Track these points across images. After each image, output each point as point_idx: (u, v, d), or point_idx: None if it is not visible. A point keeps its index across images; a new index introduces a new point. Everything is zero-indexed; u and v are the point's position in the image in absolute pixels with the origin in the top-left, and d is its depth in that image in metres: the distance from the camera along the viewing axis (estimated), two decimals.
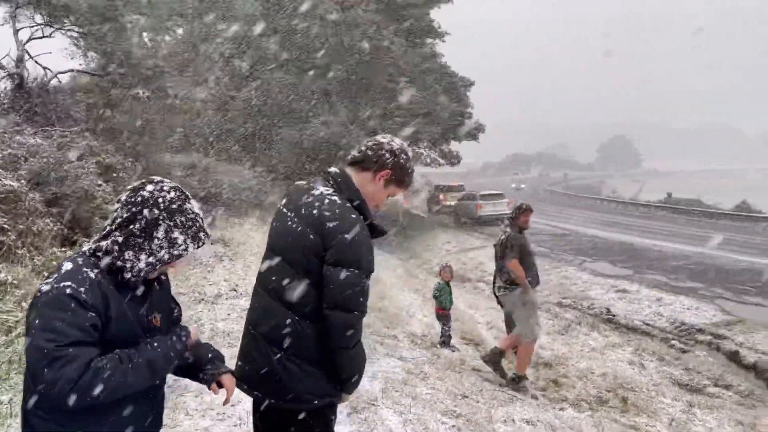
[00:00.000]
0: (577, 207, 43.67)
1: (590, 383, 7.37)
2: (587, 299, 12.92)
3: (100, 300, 1.72)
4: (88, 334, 1.67)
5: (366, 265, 2.17)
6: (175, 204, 1.83)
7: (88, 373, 1.63)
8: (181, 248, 1.82)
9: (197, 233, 1.86)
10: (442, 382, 5.76)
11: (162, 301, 1.98)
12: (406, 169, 2.37)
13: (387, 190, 2.38)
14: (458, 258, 19.53)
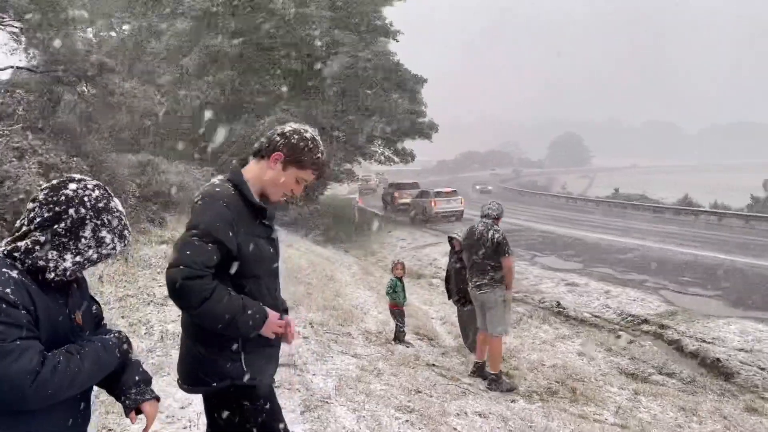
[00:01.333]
0: (527, 203, 44.52)
1: (541, 375, 7.54)
2: (538, 293, 13.20)
3: (28, 299, 1.67)
4: (28, 330, 1.63)
5: (203, 226, 2.20)
6: (101, 203, 1.81)
7: (46, 365, 1.60)
8: (110, 247, 1.81)
9: (122, 231, 1.85)
10: (396, 378, 5.80)
11: (81, 299, 1.94)
12: (299, 149, 2.36)
13: (287, 173, 2.37)
14: (413, 255, 19.67)
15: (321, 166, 2.42)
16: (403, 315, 8.15)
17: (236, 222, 2.24)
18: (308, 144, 2.37)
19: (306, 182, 2.43)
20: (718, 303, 11.50)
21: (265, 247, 2.36)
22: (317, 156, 2.39)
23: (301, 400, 4.59)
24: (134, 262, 9.00)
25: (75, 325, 1.85)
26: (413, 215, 30.83)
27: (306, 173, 2.40)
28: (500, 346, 6.64)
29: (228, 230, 2.21)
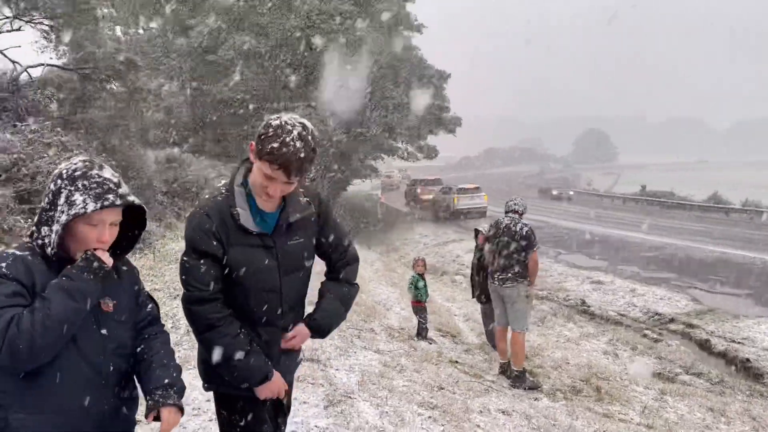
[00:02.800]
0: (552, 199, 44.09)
1: (565, 373, 7.47)
2: (563, 291, 13.09)
3: (24, 273, 1.70)
4: (10, 299, 1.65)
5: (187, 243, 2.14)
6: (79, 171, 1.78)
7: (12, 323, 1.61)
8: (78, 207, 1.73)
9: (103, 194, 1.76)
10: (418, 374, 5.80)
11: (119, 290, 1.93)
12: (260, 138, 2.06)
13: (257, 168, 2.10)
14: (435, 251, 19.64)
15: (277, 158, 2.01)
16: (425, 311, 8.15)
17: (219, 230, 2.10)
18: (267, 131, 2.05)
19: (272, 179, 2.07)
20: (748, 302, 11.29)
21: (258, 257, 2.16)
22: (272, 145, 2.01)
23: (324, 395, 4.62)
24: (161, 256, 9.15)
25: (100, 311, 1.85)
26: (436, 211, 30.76)
27: (265, 166, 2.05)
28: (523, 341, 6.59)
29: (210, 239, 2.09)
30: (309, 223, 2.32)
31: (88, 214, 1.74)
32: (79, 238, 1.79)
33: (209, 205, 2.16)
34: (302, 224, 2.27)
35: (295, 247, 2.26)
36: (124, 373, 1.94)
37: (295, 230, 2.25)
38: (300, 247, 2.28)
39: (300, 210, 2.24)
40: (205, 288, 2.09)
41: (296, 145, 2.03)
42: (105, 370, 1.84)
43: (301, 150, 2.04)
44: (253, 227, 2.16)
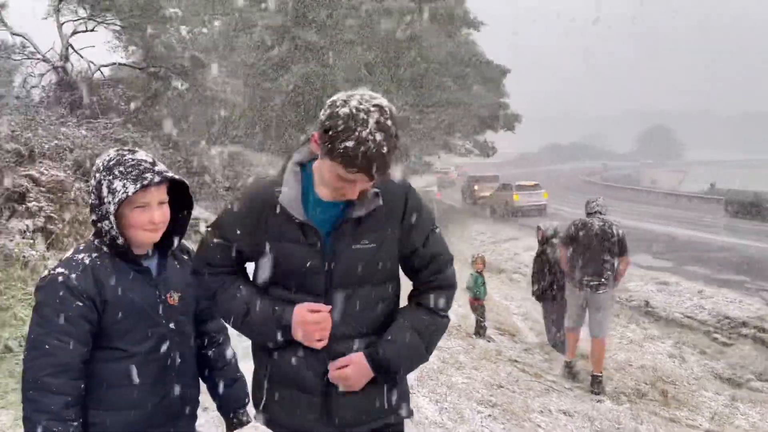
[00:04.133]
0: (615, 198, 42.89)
1: (629, 375, 7.27)
2: (625, 291, 12.70)
3: (93, 285, 1.74)
4: (72, 324, 1.70)
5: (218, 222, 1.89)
6: (114, 160, 1.80)
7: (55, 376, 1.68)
8: (120, 192, 1.74)
9: (140, 174, 1.76)
10: (477, 372, 5.76)
11: (182, 281, 1.94)
12: (327, 131, 1.59)
13: (325, 164, 1.65)
14: (493, 249, 19.41)
15: (355, 160, 1.56)
16: (483, 309, 8.08)
17: (252, 217, 1.75)
18: (336, 125, 1.57)
19: (349, 182, 1.64)
20: None
21: (296, 254, 1.72)
22: (346, 145, 1.56)
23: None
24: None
25: (168, 305, 1.88)
26: (494, 208, 30.41)
27: (338, 168, 1.61)
28: (605, 346, 6.47)
29: (236, 228, 1.79)
30: (387, 223, 1.77)
31: (131, 197, 1.75)
32: (132, 223, 1.79)
33: (250, 187, 1.91)
34: (376, 225, 1.75)
35: (360, 253, 1.74)
36: (189, 365, 1.97)
37: (364, 231, 1.74)
38: (368, 254, 1.75)
39: (366, 204, 1.72)
40: (205, 268, 1.86)
41: (376, 138, 1.56)
42: (173, 364, 1.88)
43: (383, 144, 1.57)
44: (297, 212, 1.71)
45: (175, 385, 1.89)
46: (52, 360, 1.68)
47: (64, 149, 8.46)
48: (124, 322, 1.78)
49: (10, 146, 7.10)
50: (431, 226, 1.87)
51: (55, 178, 7.19)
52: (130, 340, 1.80)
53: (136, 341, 1.80)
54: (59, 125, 9.48)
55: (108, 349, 1.78)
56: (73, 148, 8.60)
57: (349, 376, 1.75)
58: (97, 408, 1.77)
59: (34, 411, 1.67)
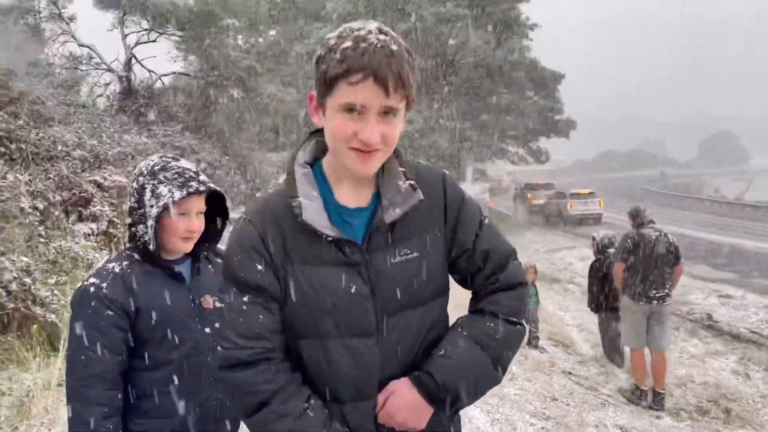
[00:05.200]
0: (674, 207, 41.47)
1: (690, 392, 6.98)
2: (686, 304, 12.24)
3: (123, 293, 1.74)
4: (105, 334, 1.71)
5: (225, 268, 1.38)
6: (159, 165, 1.81)
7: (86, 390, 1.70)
8: (166, 197, 1.75)
9: (186, 182, 1.78)
10: (530, 384, 5.65)
11: (216, 283, 1.87)
12: (325, 55, 1.25)
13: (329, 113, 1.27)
14: (546, 258, 19.06)
15: (357, 59, 1.19)
16: (536, 320, 7.93)
17: (270, 243, 1.33)
18: (328, 43, 1.26)
19: (363, 109, 1.23)
20: None
21: (334, 280, 1.33)
22: (344, 46, 1.22)
23: None
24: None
25: (202, 309, 1.86)
26: (547, 217, 29.87)
27: (343, 91, 1.22)
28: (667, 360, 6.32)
29: (254, 262, 1.32)
30: (428, 222, 1.41)
31: (176, 203, 1.76)
32: (169, 229, 1.79)
33: (256, 206, 1.38)
34: (415, 227, 1.38)
35: (403, 266, 1.37)
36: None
37: (402, 238, 1.37)
38: (413, 266, 1.38)
39: (400, 201, 1.35)
40: (248, 343, 1.31)
41: (379, 37, 1.22)
42: (212, 370, 1.83)
43: (391, 42, 1.23)
44: (327, 228, 1.32)
45: (213, 392, 1.87)
46: (87, 371, 1.69)
47: (126, 155, 8.78)
48: (157, 328, 1.77)
49: (77, 153, 7.41)
50: (480, 217, 1.49)
51: (118, 183, 7.47)
52: (165, 346, 1.78)
53: (170, 347, 1.79)
54: (122, 132, 9.86)
55: (143, 357, 1.78)
56: (135, 155, 8.91)
57: (395, 410, 1.36)
58: (137, 416, 1.78)
59: (75, 423, 1.69)
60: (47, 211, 6.06)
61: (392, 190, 1.36)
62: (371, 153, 1.26)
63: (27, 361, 4.15)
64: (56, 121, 8.48)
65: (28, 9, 14.93)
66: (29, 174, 6.33)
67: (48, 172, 6.71)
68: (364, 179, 1.37)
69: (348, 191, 1.37)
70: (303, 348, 1.36)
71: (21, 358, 4.21)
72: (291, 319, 1.35)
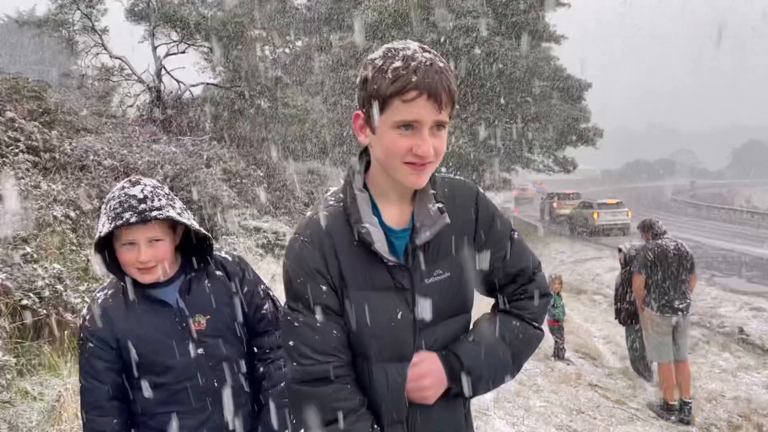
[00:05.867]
0: (704, 218, 40.70)
1: (720, 406, 6.83)
2: (717, 317, 11.99)
3: (104, 325, 1.78)
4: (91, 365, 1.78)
5: (288, 291, 1.41)
6: (112, 194, 1.75)
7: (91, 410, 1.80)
8: (98, 230, 1.71)
9: (119, 214, 1.67)
10: (556, 396, 5.58)
11: (211, 303, 1.85)
12: (365, 81, 1.31)
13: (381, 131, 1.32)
14: (572, 269, 18.85)
15: (410, 76, 1.24)
16: (562, 331, 7.83)
17: (331, 265, 1.36)
18: (374, 64, 1.30)
19: (417, 124, 1.28)
20: None
21: (387, 305, 1.37)
22: (394, 66, 1.26)
23: None
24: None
25: (190, 331, 1.81)
26: (574, 227, 29.56)
27: (396, 108, 1.28)
28: None
29: (318, 282, 1.36)
30: (459, 241, 1.44)
31: (115, 234, 1.71)
32: (122, 261, 1.74)
33: (313, 226, 1.39)
34: (446, 247, 1.42)
35: (435, 289, 1.41)
36: (235, 387, 1.88)
37: (435, 259, 1.41)
38: (444, 288, 1.42)
39: (430, 224, 1.38)
40: (327, 358, 1.35)
41: (425, 55, 1.28)
42: (210, 389, 1.82)
43: (436, 59, 1.29)
44: (387, 253, 1.35)
45: (215, 410, 1.84)
46: (84, 399, 1.80)
47: (155, 165, 8.93)
48: (141, 356, 1.77)
49: (107, 162, 7.56)
50: (510, 233, 1.53)
51: None
52: (152, 372, 1.79)
53: (158, 372, 1.79)
54: (151, 142, 10.03)
55: (137, 380, 1.80)
56: (164, 164, 9.06)
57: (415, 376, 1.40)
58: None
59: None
60: (79, 219, 6.19)
61: (424, 211, 1.40)
62: (424, 166, 1.32)
63: (58, 367, 4.23)
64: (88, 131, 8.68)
65: (62, 22, 15.33)
66: (62, 183, 6.48)
67: (80, 181, 6.86)
68: (406, 200, 1.43)
69: (393, 212, 1.42)
70: (358, 367, 1.41)
71: (52, 364, 4.30)
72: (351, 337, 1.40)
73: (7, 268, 4.50)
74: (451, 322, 1.46)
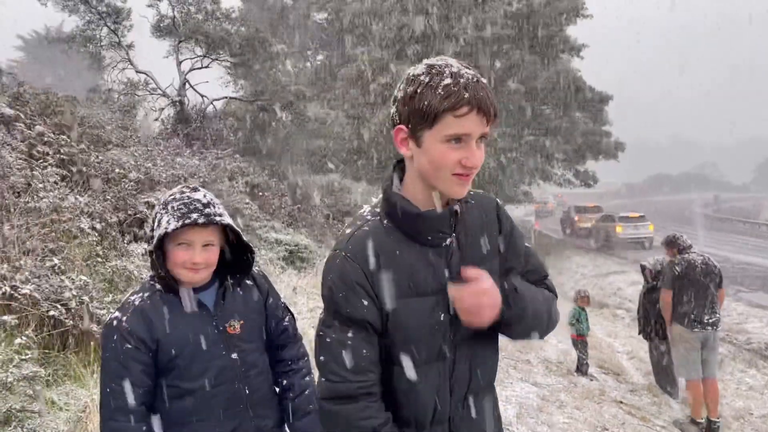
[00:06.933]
0: (729, 231, 40.05)
1: (748, 425, 6.70)
2: (743, 333, 11.78)
3: (142, 326, 1.77)
4: (126, 367, 1.73)
5: (327, 304, 1.45)
6: (173, 196, 1.82)
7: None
8: (162, 227, 1.75)
9: (186, 214, 1.75)
10: (579, 412, 5.50)
11: (246, 308, 1.91)
12: (422, 92, 1.34)
13: (426, 146, 1.37)
14: (595, 283, 18.66)
15: (461, 93, 1.31)
16: (586, 346, 7.74)
17: (375, 276, 1.40)
18: (419, 79, 1.35)
19: (466, 137, 1.35)
20: None
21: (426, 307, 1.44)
22: (444, 83, 1.32)
23: None
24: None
25: (228, 335, 1.85)
26: (596, 241, 29.26)
27: (447, 123, 1.33)
28: None
29: (358, 297, 1.39)
30: (489, 249, 1.53)
31: (173, 233, 1.75)
32: (173, 260, 1.79)
33: (354, 241, 1.43)
34: (478, 253, 1.51)
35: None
36: (264, 395, 1.92)
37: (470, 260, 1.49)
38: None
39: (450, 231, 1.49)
40: (356, 377, 1.40)
41: (469, 72, 1.36)
42: (240, 395, 1.85)
43: (479, 76, 1.37)
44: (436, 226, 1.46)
45: (245, 417, 1.86)
46: (113, 404, 1.73)
47: (179, 177, 9.05)
48: (178, 358, 1.78)
49: (132, 175, 7.67)
50: (524, 242, 1.64)
51: None
52: (188, 376, 1.79)
53: (194, 376, 1.80)
54: (175, 155, 10.17)
55: (169, 387, 1.80)
56: (187, 177, 9.17)
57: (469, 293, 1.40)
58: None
59: None
60: (105, 231, 6.29)
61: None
62: (469, 176, 1.39)
63: (84, 378, 4.29)
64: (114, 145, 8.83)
65: (89, 38, 15.66)
66: (89, 195, 6.59)
67: (106, 194, 6.97)
68: None
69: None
70: (395, 375, 1.46)
71: (78, 375, 4.35)
72: (389, 349, 1.45)
73: (35, 279, 4.58)
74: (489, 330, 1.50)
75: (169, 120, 14.61)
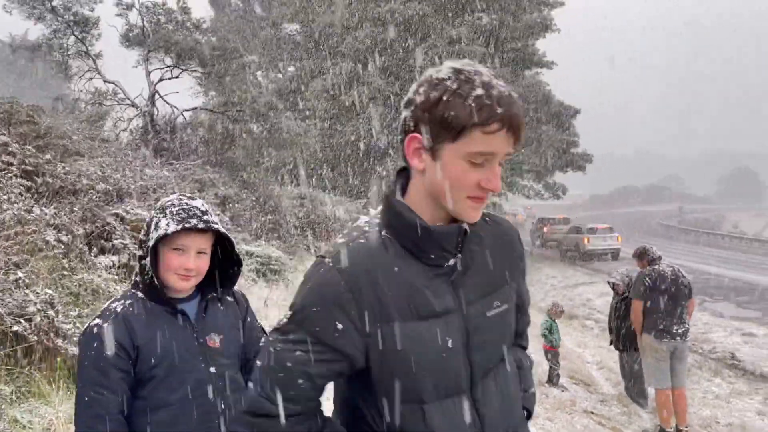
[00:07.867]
0: (692, 242, 41.00)
1: None
2: (708, 342, 12.03)
3: (124, 333, 1.74)
4: (105, 375, 1.70)
5: (295, 314, 1.24)
6: (171, 202, 1.84)
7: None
8: (161, 229, 1.76)
9: (185, 218, 1.77)
10: (552, 423, 5.55)
11: (225, 324, 1.90)
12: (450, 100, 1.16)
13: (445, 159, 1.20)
14: (564, 294, 18.88)
15: (494, 109, 1.15)
16: (557, 357, 7.83)
17: (366, 300, 1.20)
18: (446, 86, 1.18)
19: (491, 156, 1.20)
20: None
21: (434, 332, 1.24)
22: (476, 94, 1.15)
23: None
24: (294, 288, 9.54)
25: (208, 348, 1.84)
26: (564, 252, 29.66)
27: (475, 139, 1.17)
28: None
29: (336, 321, 1.20)
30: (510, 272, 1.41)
31: (170, 236, 1.75)
32: (167, 264, 1.78)
33: (348, 253, 1.24)
34: (499, 277, 1.37)
35: (497, 322, 1.34)
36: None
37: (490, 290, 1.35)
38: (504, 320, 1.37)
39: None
40: (284, 404, 1.22)
41: (501, 83, 1.20)
42: (216, 410, 1.82)
43: (509, 88, 1.21)
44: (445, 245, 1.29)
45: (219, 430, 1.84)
46: (90, 412, 1.69)
47: (147, 189, 8.90)
48: (157, 368, 1.76)
49: (100, 186, 7.52)
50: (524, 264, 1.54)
51: (139, 216, 7.55)
52: (166, 387, 1.77)
53: (172, 388, 1.77)
54: (144, 166, 10.01)
55: (145, 398, 1.77)
56: (156, 188, 9.03)
57: None
58: None
59: None
60: (71, 243, 6.14)
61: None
62: (484, 200, 1.25)
63: (49, 395, 4.16)
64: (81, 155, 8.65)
65: (55, 46, 15.38)
66: (54, 207, 6.44)
67: (72, 206, 6.82)
68: None
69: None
70: (403, 414, 1.24)
71: (42, 392, 4.22)
72: (386, 383, 1.24)
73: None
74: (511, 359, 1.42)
75: (138, 130, 14.40)
